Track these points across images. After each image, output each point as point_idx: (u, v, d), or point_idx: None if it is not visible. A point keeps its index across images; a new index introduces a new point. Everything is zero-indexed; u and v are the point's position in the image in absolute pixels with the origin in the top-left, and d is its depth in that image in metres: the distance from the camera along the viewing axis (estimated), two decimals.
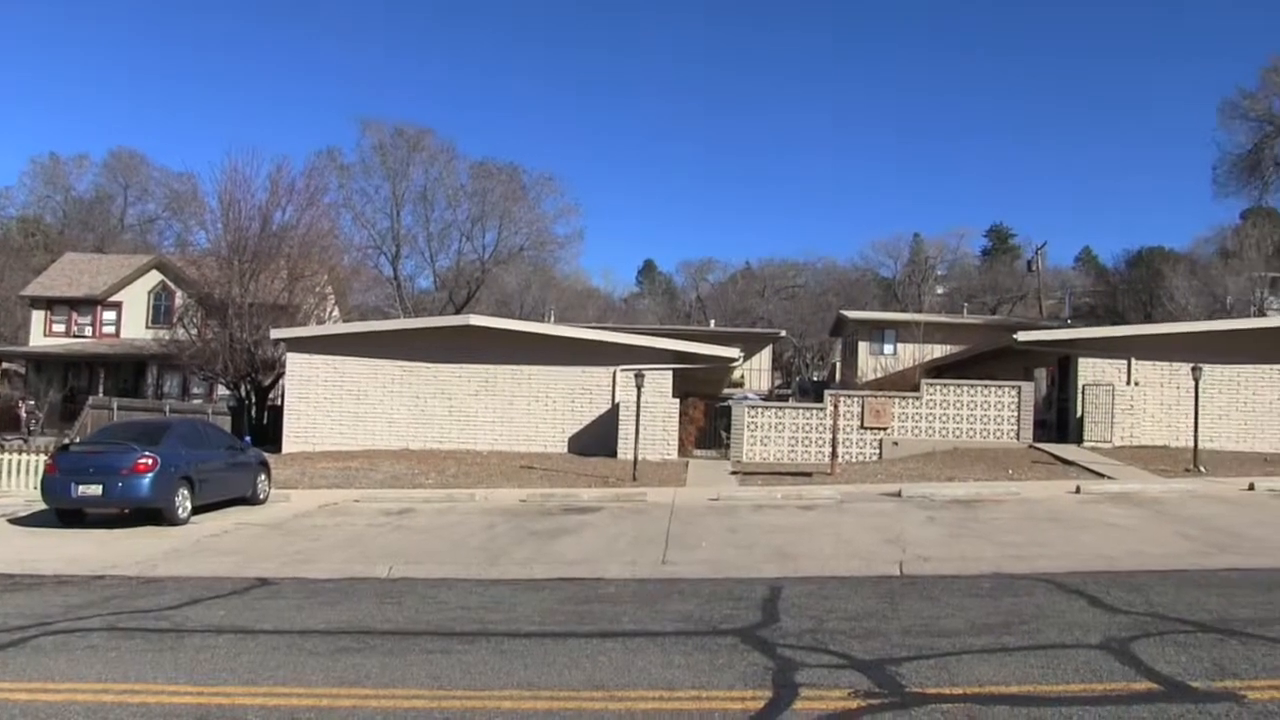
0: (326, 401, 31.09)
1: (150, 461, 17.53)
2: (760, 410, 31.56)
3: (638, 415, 26.52)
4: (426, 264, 71.09)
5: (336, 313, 47.89)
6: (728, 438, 31.36)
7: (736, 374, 45.08)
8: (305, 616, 10.55)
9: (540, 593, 11.79)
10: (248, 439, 26.86)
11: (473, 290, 67.55)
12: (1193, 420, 25.99)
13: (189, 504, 18.25)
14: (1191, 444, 25.73)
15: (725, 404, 34.74)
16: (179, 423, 23.13)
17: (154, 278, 50.57)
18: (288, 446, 30.57)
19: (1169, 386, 30.14)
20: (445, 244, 70.71)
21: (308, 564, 14.22)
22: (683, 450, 30.36)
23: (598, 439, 29.99)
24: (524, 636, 9.31)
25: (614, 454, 28.56)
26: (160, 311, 49.61)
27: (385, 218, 68.18)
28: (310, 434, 30.91)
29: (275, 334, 33.38)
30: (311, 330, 34.48)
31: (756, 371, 55.27)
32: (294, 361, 31.68)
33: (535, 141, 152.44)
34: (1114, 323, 53.07)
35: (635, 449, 26.11)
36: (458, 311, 57.98)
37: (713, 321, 70.47)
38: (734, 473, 26.56)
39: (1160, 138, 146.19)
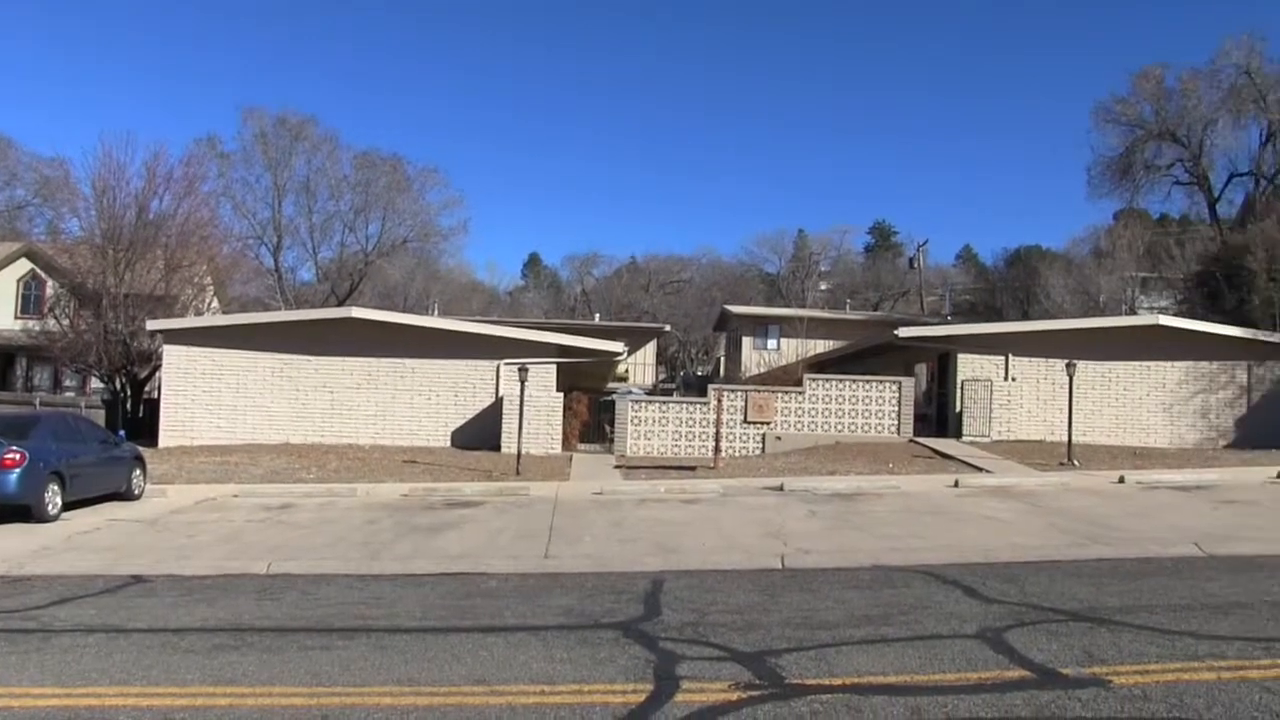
0: (205, 395, 30.44)
1: (17, 456, 16.94)
2: (644, 404, 31.69)
3: (521, 409, 26.38)
4: (308, 255, 69.59)
5: (216, 304, 46.79)
6: (612, 432, 31.40)
7: (621, 368, 45.20)
8: (181, 614, 10.31)
9: (422, 588, 11.69)
10: (122, 433, 26.17)
11: (355, 282, 66.44)
12: (1067, 415, 26.70)
13: (59, 500, 17.70)
14: (1066, 438, 26.43)
15: (610, 398, 34.78)
16: (49, 416, 22.40)
17: (23, 266, 48.96)
18: (164, 441, 29.88)
19: (1045, 382, 30.98)
20: (328, 235, 69.30)
21: (184, 560, 13.92)
22: (567, 444, 30.31)
23: (481, 433, 29.83)
24: (405, 632, 9.23)
25: (498, 448, 28.43)
26: (30, 301, 48.12)
27: (266, 208, 66.55)
28: (188, 428, 30.24)
29: (152, 325, 32.57)
30: (189, 322, 33.68)
31: (641, 366, 55.46)
32: (171, 354, 30.96)
33: (418, 132, 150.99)
34: (993, 320, 54.21)
35: (519, 443, 25.97)
36: (340, 304, 56.98)
37: (597, 315, 70.50)
38: (618, 467, 26.59)
39: (1040, 138, 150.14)
